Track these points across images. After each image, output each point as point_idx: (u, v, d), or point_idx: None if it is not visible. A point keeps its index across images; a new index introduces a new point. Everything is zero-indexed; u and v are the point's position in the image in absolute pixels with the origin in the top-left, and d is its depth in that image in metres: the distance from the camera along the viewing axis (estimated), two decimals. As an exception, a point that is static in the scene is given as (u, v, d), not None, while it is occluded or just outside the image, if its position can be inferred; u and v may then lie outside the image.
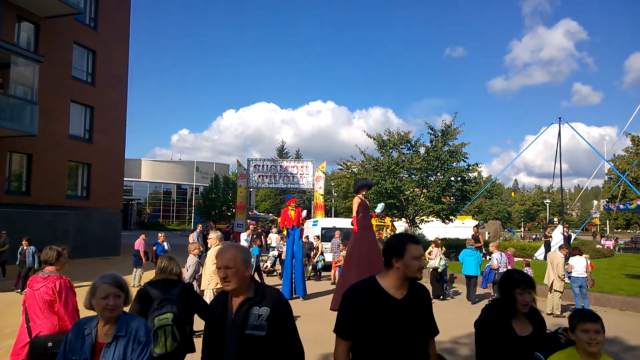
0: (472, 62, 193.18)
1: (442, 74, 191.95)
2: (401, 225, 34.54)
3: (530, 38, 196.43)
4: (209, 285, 7.29)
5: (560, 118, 18.89)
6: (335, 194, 37.43)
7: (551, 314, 9.86)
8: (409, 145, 22.94)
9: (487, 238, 38.06)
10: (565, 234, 22.04)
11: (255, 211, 58.49)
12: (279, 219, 12.48)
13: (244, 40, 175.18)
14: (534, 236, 46.41)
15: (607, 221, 55.64)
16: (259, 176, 36.19)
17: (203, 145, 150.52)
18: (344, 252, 12.57)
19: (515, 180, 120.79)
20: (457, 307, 11.05)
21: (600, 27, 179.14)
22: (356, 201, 9.81)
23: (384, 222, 42.12)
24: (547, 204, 44.97)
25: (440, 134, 21.58)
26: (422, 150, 22.39)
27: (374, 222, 40.77)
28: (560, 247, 11.17)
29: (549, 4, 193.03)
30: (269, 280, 15.04)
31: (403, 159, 22.52)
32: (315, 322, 8.75)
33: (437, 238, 14.70)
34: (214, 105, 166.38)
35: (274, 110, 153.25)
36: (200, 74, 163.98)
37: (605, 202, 39.71)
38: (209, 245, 8.12)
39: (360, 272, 8.54)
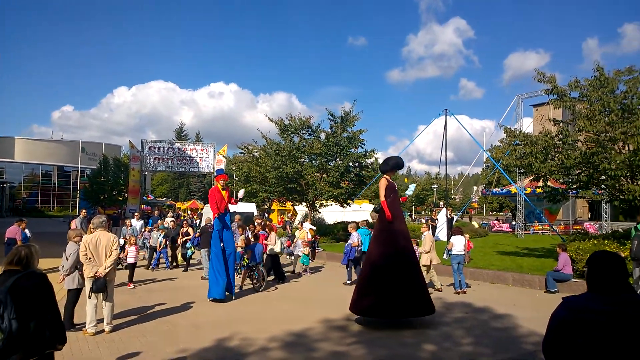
0: (373, 53, 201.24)
1: (345, 63, 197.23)
2: (301, 210, 35.05)
3: (425, 33, 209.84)
4: (89, 273, 6.67)
5: (446, 110, 20.44)
6: (236, 179, 36.71)
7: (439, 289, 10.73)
8: (310, 130, 23.18)
9: (371, 221, 40.21)
10: (448, 216, 24.03)
11: (151, 196, 55.20)
12: (209, 202, 9.91)
13: (136, 11, 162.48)
14: (423, 219, 50.08)
15: (484, 204, 62.16)
16: (155, 159, 34.12)
17: (90, 123, 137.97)
18: (243, 237, 12.37)
19: (409, 167, 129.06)
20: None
21: (485, 28, 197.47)
22: (383, 183, 7.82)
23: (285, 207, 42.25)
24: (434, 189, 48.75)
25: (339, 121, 22.11)
26: (322, 136, 22.77)
27: (275, 206, 40.68)
28: (425, 222, 12.15)
29: (441, 2, 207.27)
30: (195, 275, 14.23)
31: (304, 144, 22.70)
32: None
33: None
34: (104, 80, 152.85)
35: (172, 89, 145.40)
36: (86, 45, 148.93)
37: (483, 188, 44.19)
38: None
39: (389, 272, 7.27)
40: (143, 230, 15.49)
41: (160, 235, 13.84)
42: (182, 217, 28.55)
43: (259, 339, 6.58)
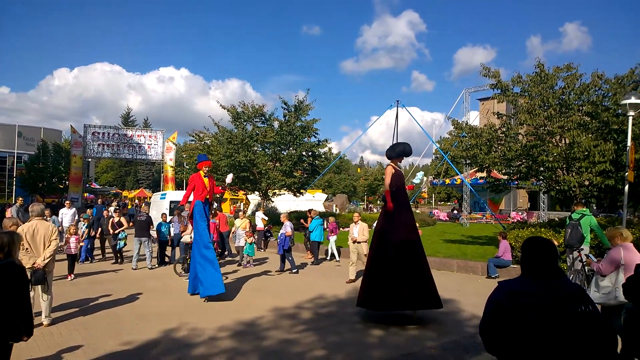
0: (327, 43, 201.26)
1: (299, 52, 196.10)
2: (254, 199, 34.76)
3: (378, 24, 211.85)
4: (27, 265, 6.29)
5: (398, 101, 20.87)
6: (187, 167, 35.79)
7: None
8: (263, 118, 22.95)
9: (334, 210, 40.72)
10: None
11: (95, 184, 52.75)
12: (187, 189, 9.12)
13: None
14: (375, 209, 51.12)
15: (433, 194, 64.25)
16: (99, 145, 32.57)
17: (28, 107, 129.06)
18: (190, 226, 12.09)
19: (362, 157, 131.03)
20: (304, 274, 11.60)
21: (437, 22, 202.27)
22: (389, 171, 7.36)
23: (237, 195, 41.72)
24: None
25: (293, 110, 22.02)
26: (276, 124, 22.61)
27: (227, 195, 40.09)
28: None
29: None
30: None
31: (257, 132, 22.46)
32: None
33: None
34: (43, 61, 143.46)
35: (118, 73, 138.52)
36: (22, 22, 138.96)
37: (432, 178, 45.63)
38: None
39: (396, 266, 6.88)
40: (77, 219, 14.59)
41: (83, 225, 12.93)
42: (115, 207, 27.51)
43: (207, 329, 6.49)
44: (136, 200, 39.97)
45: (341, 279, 10.71)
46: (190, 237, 11.24)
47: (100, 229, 13.42)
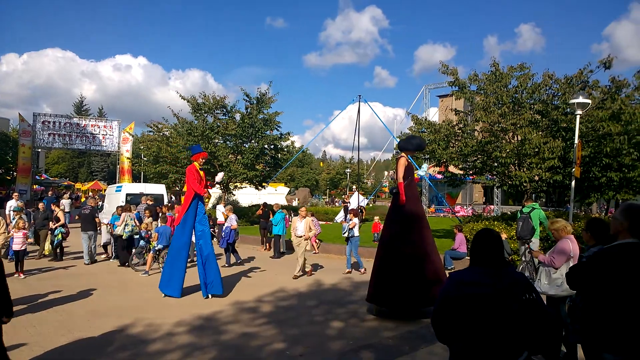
0: (291, 35, 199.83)
1: (263, 43, 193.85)
2: (215, 192, 34.23)
3: (342, 19, 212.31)
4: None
5: (360, 96, 20.92)
6: (145, 158, 34.74)
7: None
8: (224, 110, 22.58)
9: (296, 204, 40.74)
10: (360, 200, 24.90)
11: (45, 175, 50.28)
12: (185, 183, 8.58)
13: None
14: (337, 202, 51.52)
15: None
16: (50, 135, 31.00)
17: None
18: (149, 219, 11.80)
19: (324, 151, 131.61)
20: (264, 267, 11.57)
21: (399, 18, 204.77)
22: (402, 163, 6.97)
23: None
24: (348, 173, 50.26)
25: (255, 102, 21.79)
26: (237, 116, 22.30)
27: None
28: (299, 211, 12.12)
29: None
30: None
31: (218, 124, 22.08)
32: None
33: (128, 205, 13.03)
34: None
35: (71, 59, 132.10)
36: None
37: (392, 173, 46.49)
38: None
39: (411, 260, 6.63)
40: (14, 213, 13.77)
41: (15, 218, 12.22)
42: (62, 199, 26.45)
43: (164, 324, 6.36)
44: (89, 193, 38.45)
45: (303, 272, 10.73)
46: (121, 231, 11.02)
47: (33, 222, 12.75)
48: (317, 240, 14.71)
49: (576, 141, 9.86)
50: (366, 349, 5.54)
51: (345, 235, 11.32)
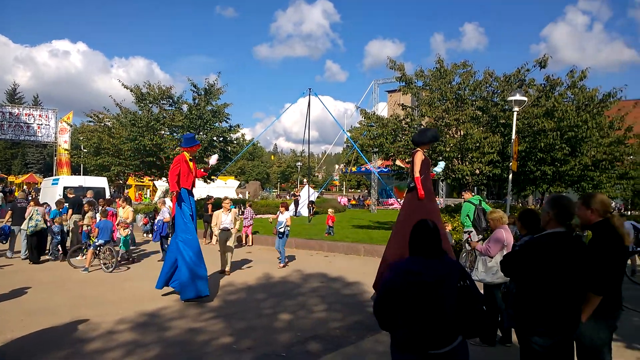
0: (241, 25, 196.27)
1: (212, 32, 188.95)
2: (162, 185, 33.17)
3: (293, 11, 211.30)
4: None
5: (310, 89, 21.02)
6: (84, 150, 33.04)
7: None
8: (171, 101, 21.85)
9: (247, 197, 40.30)
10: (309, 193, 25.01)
11: (-28, 167, 46.61)
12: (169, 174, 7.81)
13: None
14: (287, 195, 51.43)
15: (344, 182, 66.28)
16: (-22, 124, 28.75)
17: None
18: (90, 214, 11.26)
19: (275, 144, 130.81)
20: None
21: (350, 12, 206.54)
22: (419, 157, 6.77)
23: (143, 182, 39.52)
24: (299, 167, 50.32)
25: (203, 93, 21.24)
26: (184, 107, 21.66)
27: (132, 181, 37.58)
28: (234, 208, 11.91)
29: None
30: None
31: (164, 115, 21.34)
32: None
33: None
34: None
35: (4, 44, 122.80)
36: None
37: (343, 166, 47.01)
38: None
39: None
40: None
41: None
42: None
43: (104, 322, 6.11)
44: (24, 186, 36.06)
45: (253, 265, 10.69)
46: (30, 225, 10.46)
47: None
48: (249, 233, 14.58)
49: (513, 136, 10.41)
50: (313, 340, 5.60)
51: (282, 230, 10.82)
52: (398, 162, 15.71)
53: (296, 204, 27.03)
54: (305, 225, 19.17)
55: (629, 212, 27.95)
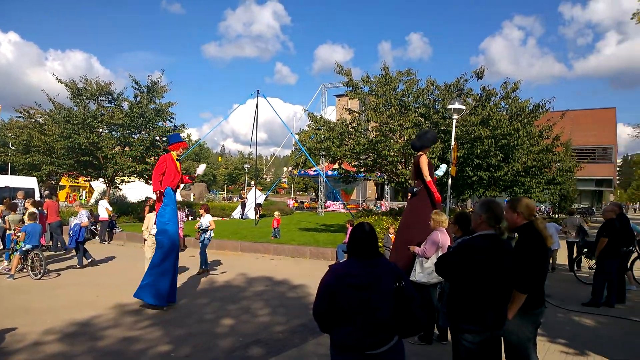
0: (189, 22, 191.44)
1: (158, 28, 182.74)
2: (99, 186, 31.56)
3: (243, 11, 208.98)
4: None
5: (258, 90, 20.82)
6: (13, 147, 30.79)
7: None
8: (110, 97, 20.84)
9: (192, 200, 39.23)
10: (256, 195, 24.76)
11: None
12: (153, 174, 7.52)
13: None
14: (234, 198, 50.67)
15: (292, 185, 66.24)
16: None
17: None
18: (12, 216, 10.51)
19: (223, 145, 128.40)
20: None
21: (301, 16, 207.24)
22: (425, 160, 6.64)
23: (78, 182, 37.44)
24: (246, 169, 49.74)
25: (145, 90, 20.45)
26: (125, 105, 20.75)
27: (65, 182, 35.42)
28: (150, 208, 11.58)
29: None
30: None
31: (102, 112, 20.32)
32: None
33: None
34: None
35: None
36: None
37: (291, 169, 47.00)
38: None
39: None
40: None
41: None
42: None
43: (30, 333, 5.70)
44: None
45: (193, 270, 10.41)
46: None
47: None
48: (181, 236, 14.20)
49: (452, 143, 10.83)
50: (256, 345, 5.54)
51: (206, 235, 10.33)
52: (345, 166, 15.93)
53: (243, 206, 26.68)
54: (252, 228, 18.96)
55: (557, 215, 30.02)
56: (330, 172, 26.99)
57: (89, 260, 10.81)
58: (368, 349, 2.60)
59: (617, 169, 68.52)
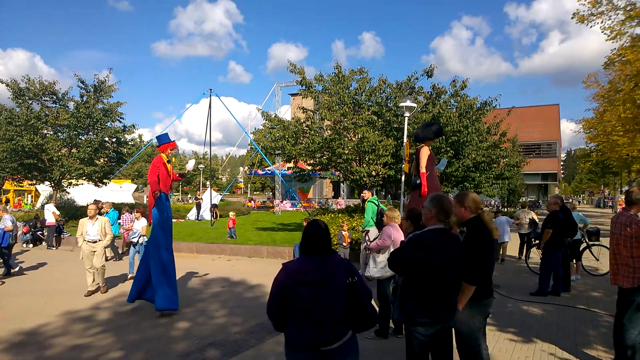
0: (138, 20, 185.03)
1: (105, 26, 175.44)
2: (45, 190, 30.00)
3: (194, 9, 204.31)
4: None
5: (211, 90, 20.45)
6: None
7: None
8: (55, 97, 19.86)
9: (145, 202, 38.02)
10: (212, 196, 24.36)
11: None
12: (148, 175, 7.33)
13: None
14: (189, 199, 49.56)
15: (248, 184, 65.50)
16: None
17: None
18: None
19: (177, 146, 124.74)
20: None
21: (254, 15, 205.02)
22: (425, 152, 6.48)
23: (22, 186, 35.45)
24: (201, 169, 48.74)
25: (92, 90, 19.62)
26: (71, 105, 19.82)
27: (9, 185, 33.66)
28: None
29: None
30: None
31: (47, 113, 19.31)
32: None
33: None
34: None
35: None
36: None
37: (247, 169, 46.49)
38: None
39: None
40: None
41: None
42: None
43: (-30, 347, 5.39)
44: None
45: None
46: None
47: None
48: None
49: (405, 140, 11.11)
50: (212, 347, 5.48)
51: (135, 240, 9.81)
52: (300, 164, 15.97)
53: (198, 207, 26.15)
54: (208, 229, 18.63)
55: (505, 209, 31.40)
56: (286, 171, 26.98)
57: (16, 269, 10.19)
58: (322, 345, 2.64)
59: (562, 163, 72.63)
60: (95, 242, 8.33)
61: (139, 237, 9.76)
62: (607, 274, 9.66)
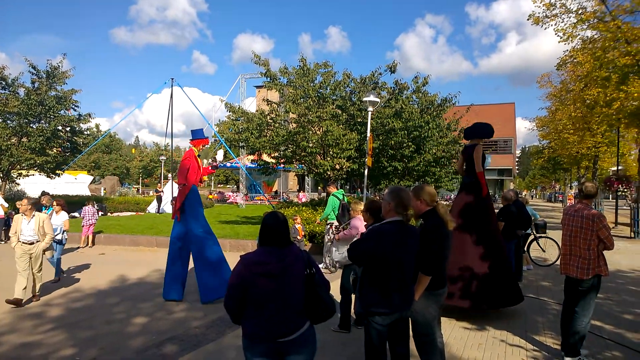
0: (95, 3, 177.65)
1: (59, 9, 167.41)
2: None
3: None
4: None
5: (172, 79, 19.84)
6: None
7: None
8: (4, 83, 18.80)
9: (102, 194, 36.74)
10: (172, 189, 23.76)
11: None
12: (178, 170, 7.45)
13: None
14: (150, 192, 48.24)
15: (212, 177, 64.53)
16: None
17: None
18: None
19: (137, 137, 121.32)
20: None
21: (218, 4, 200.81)
22: (479, 152, 6.38)
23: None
24: (162, 161, 47.53)
25: (45, 76, 18.69)
26: (21, 92, 18.82)
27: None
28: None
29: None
30: None
31: (-6, 99, 18.27)
32: None
33: None
34: None
35: None
36: None
37: (211, 161, 45.80)
38: None
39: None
40: None
41: None
42: None
43: None
44: None
45: (106, 267, 9.79)
46: None
47: None
48: (89, 234, 13.24)
49: (368, 134, 11.24)
50: (170, 342, 5.37)
51: (59, 237, 8.78)
52: (264, 157, 15.85)
53: (159, 200, 25.50)
54: (169, 222, 18.21)
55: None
56: (253, 165, 26.76)
57: None
58: (280, 337, 2.64)
59: (516, 159, 75.55)
60: (31, 243, 7.14)
61: (62, 233, 8.89)
62: (555, 264, 10.20)
